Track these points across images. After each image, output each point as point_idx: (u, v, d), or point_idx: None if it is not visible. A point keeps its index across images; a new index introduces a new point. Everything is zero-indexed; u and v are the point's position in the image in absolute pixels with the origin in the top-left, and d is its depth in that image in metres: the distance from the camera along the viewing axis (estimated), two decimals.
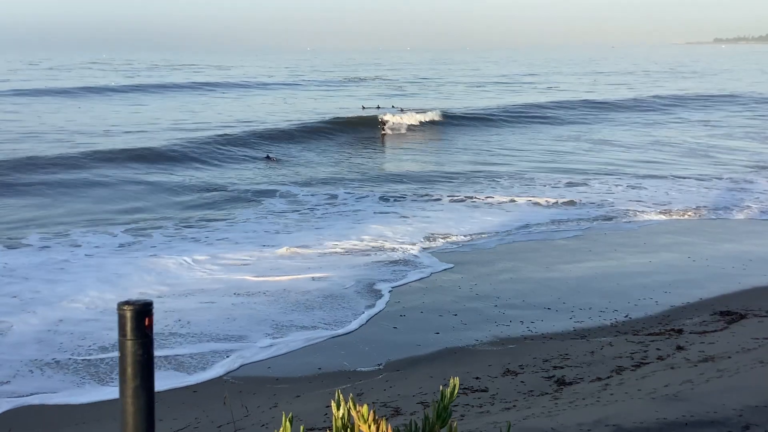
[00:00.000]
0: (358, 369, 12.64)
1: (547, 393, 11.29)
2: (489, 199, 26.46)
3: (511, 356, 12.89)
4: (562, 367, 12.33)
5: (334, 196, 27.19)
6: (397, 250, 19.84)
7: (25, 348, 13.15)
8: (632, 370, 12.05)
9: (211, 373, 12.49)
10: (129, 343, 3.03)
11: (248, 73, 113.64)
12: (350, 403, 2.31)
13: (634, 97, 70.91)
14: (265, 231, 22.06)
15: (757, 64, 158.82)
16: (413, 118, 48.86)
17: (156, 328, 3.17)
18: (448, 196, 27.09)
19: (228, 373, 12.51)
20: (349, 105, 59.77)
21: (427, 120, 49.78)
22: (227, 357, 13.05)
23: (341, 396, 2.38)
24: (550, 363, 12.55)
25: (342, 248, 19.96)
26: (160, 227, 22.31)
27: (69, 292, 16.08)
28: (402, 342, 13.82)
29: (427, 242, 20.70)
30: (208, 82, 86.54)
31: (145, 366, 3.05)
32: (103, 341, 13.32)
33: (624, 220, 23.53)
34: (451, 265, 18.39)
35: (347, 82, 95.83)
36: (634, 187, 28.67)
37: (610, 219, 23.53)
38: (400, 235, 21.36)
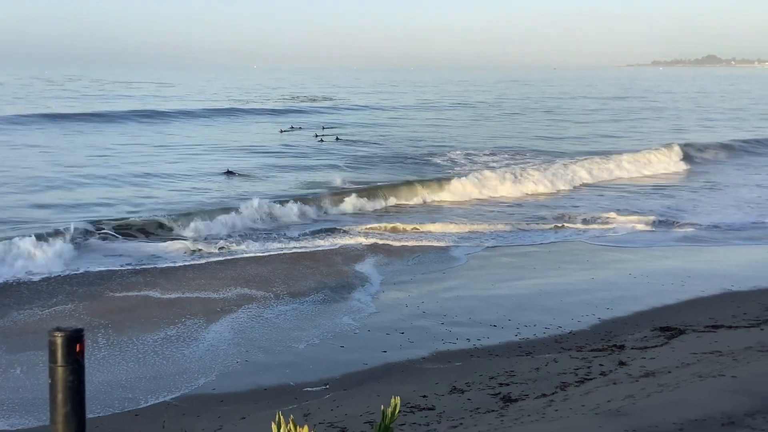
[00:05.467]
0: (305, 389, 12.50)
1: (493, 410, 11.34)
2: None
3: (457, 374, 12.92)
4: (508, 384, 12.42)
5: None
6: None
7: None
8: (576, 386, 12.20)
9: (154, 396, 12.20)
10: (59, 370, 2.93)
11: (181, 94, 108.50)
12: (291, 425, 2.26)
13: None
14: None
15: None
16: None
17: None
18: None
19: (171, 395, 12.23)
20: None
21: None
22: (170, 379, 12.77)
23: (281, 417, 2.33)
24: (496, 380, 12.63)
25: None
26: None
27: None
28: (349, 361, 13.73)
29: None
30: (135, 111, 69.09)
31: (76, 392, 2.96)
32: None
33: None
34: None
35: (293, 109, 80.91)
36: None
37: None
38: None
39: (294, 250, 21.99)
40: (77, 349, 2.85)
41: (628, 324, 15.47)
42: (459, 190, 30.75)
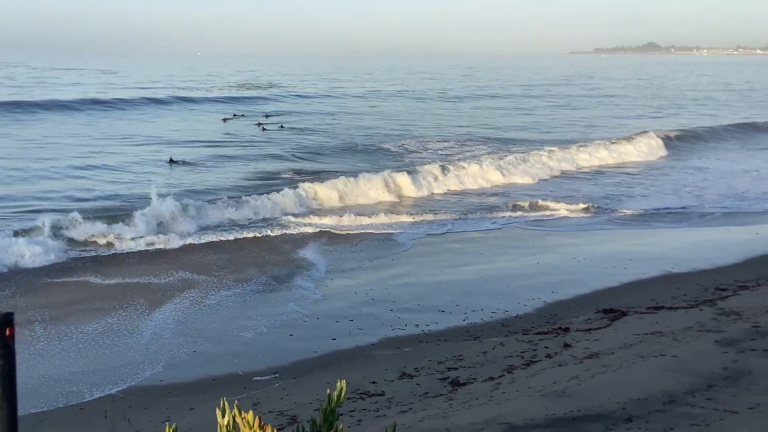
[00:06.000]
0: (255, 378, 12.41)
1: (442, 394, 11.46)
2: None
3: (406, 359, 13.01)
4: (456, 368, 12.56)
5: None
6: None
7: None
8: (523, 368, 12.42)
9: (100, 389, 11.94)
10: None
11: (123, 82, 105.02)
12: (235, 411, 2.23)
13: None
14: None
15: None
16: None
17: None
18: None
19: (117, 388, 12.00)
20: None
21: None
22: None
23: (226, 404, 2.30)
24: (444, 365, 12.76)
25: None
26: None
27: None
28: (298, 349, 13.68)
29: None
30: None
31: (7, 377, 2.87)
32: None
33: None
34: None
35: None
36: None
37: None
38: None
39: (240, 236, 21.82)
40: (7, 333, 2.75)
41: (573, 307, 15.79)
42: (406, 181, 30.70)
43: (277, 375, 12.50)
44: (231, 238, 21.80)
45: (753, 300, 15.65)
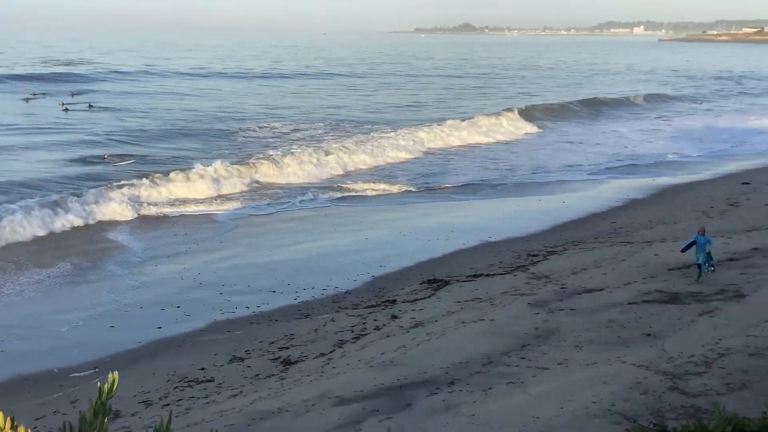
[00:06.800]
0: (72, 375, 11.68)
1: (273, 375, 11.42)
2: None
3: (236, 343, 12.81)
4: (287, 348, 12.56)
5: None
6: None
7: None
8: (353, 342, 12.66)
9: None
10: None
11: None
12: (9, 422, 2.05)
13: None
14: None
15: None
16: None
17: None
18: None
19: None
20: None
21: None
22: None
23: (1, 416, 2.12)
24: (276, 345, 12.71)
25: None
26: None
27: None
28: (120, 340, 13.03)
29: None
30: None
31: None
32: None
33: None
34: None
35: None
36: None
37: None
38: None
39: (50, 227, 20.30)
40: None
41: (400, 279, 16.28)
42: (237, 169, 29.71)
43: (96, 370, 11.84)
44: (36, 226, 20.13)
45: (561, 264, 16.96)
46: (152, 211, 22.35)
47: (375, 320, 13.64)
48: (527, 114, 46.39)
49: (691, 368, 9.63)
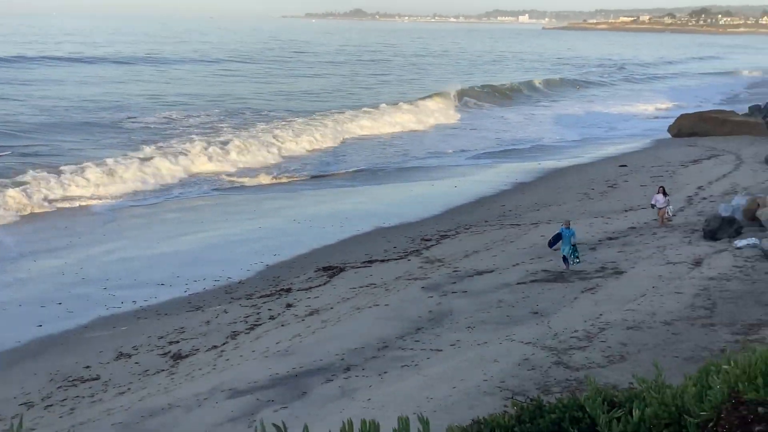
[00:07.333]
0: None
1: (163, 370, 11.06)
2: None
3: (123, 339, 12.33)
4: (178, 342, 12.19)
5: None
6: None
7: None
8: (247, 333, 12.44)
9: None
10: None
11: None
12: None
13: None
14: None
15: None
16: None
17: None
18: None
19: None
20: None
21: None
22: None
23: None
24: (165, 339, 12.31)
25: None
26: None
27: None
28: None
29: None
30: None
31: None
32: None
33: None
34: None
35: None
36: None
37: None
38: None
39: None
40: None
41: (294, 267, 16.13)
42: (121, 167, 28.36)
43: None
44: None
45: (453, 247, 17.32)
46: (27, 204, 21.08)
47: (269, 310, 13.47)
48: (421, 103, 46.75)
49: (574, 343, 10.06)
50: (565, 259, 14.45)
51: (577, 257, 14.49)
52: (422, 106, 45.49)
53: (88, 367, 11.20)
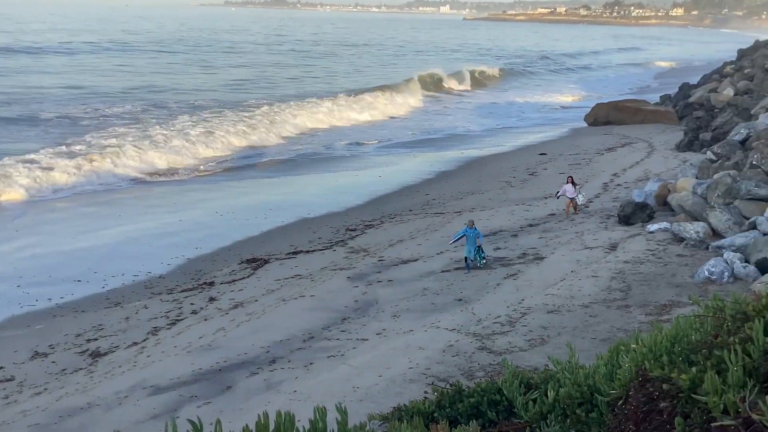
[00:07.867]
0: None
1: (81, 369, 10.71)
2: None
3: (39, 337, 11.86)
4: (96, 339, 11.81)
5: None
6: None
7: None
8: (168, 328, 12.16)
9: None
10: None
11: None
12: None
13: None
14: None
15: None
16: None
17: None
18: None
19: None
20: None
21: None
22: None
23: None
24: (83, 337, 11.91)
25: None
26: None
27: None
28: None
29: None
30: None
31: None
32: None
33: None
34: None
35: None
36: None
37: None
38: None
39: None
40: None
41: (217, 260, 15.86)
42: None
43: None
44: None
45: (378, 237, 17.38)
46: None
47: (192, 304, 13.22)
48: (342, 96, 46.56)
49: (497, 328, 10.28)
50: (466, 260, 14.00)
51: (483, 258, 14.12)
52: (342, 98, 45.35)
53: (1, 367, 10.76)
